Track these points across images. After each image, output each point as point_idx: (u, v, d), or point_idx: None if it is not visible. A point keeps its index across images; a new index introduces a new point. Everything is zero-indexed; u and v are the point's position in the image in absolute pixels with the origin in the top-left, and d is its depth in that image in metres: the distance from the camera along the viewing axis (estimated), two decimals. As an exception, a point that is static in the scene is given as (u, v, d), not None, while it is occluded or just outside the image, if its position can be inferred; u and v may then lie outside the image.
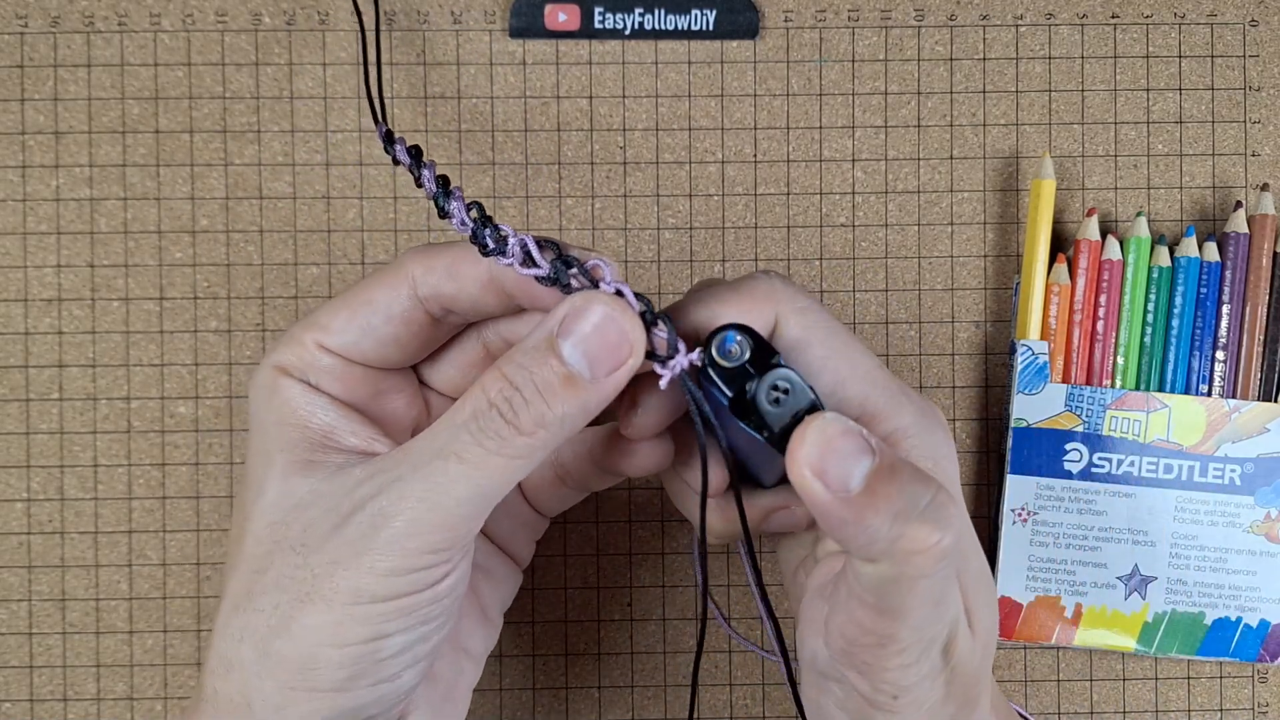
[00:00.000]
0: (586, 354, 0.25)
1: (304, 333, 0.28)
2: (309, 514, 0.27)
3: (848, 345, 0.28)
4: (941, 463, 0.28)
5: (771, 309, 0.27)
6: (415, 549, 0.25)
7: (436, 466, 0.26)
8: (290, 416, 0.28)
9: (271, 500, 0.27)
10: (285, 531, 0.27)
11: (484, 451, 0.25)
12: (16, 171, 0.42)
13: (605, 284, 0.26)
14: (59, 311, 0.42)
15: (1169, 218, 0.43)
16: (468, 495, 0.26)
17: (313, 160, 0.42)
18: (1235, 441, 0.40)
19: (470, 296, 0.28)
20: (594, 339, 0.25)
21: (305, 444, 0.28)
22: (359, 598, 0.25)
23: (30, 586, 0.41)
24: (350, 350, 0.28)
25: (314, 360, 0.28)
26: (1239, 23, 0.43)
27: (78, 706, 0.41)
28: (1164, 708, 0.42)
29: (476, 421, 0.26)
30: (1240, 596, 0.41)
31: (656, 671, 0.42)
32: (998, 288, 0.43)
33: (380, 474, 0.26)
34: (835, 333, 0.28)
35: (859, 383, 0.28)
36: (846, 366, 0.28)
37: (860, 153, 0.43)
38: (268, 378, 0.28)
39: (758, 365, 0.25)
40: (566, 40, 0.42)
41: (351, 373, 0.29)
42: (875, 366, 0.28)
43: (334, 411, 0.28)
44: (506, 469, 0.26)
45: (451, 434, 0.26)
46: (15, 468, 0.41)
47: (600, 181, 0.42)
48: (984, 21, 0.43)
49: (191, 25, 0.42)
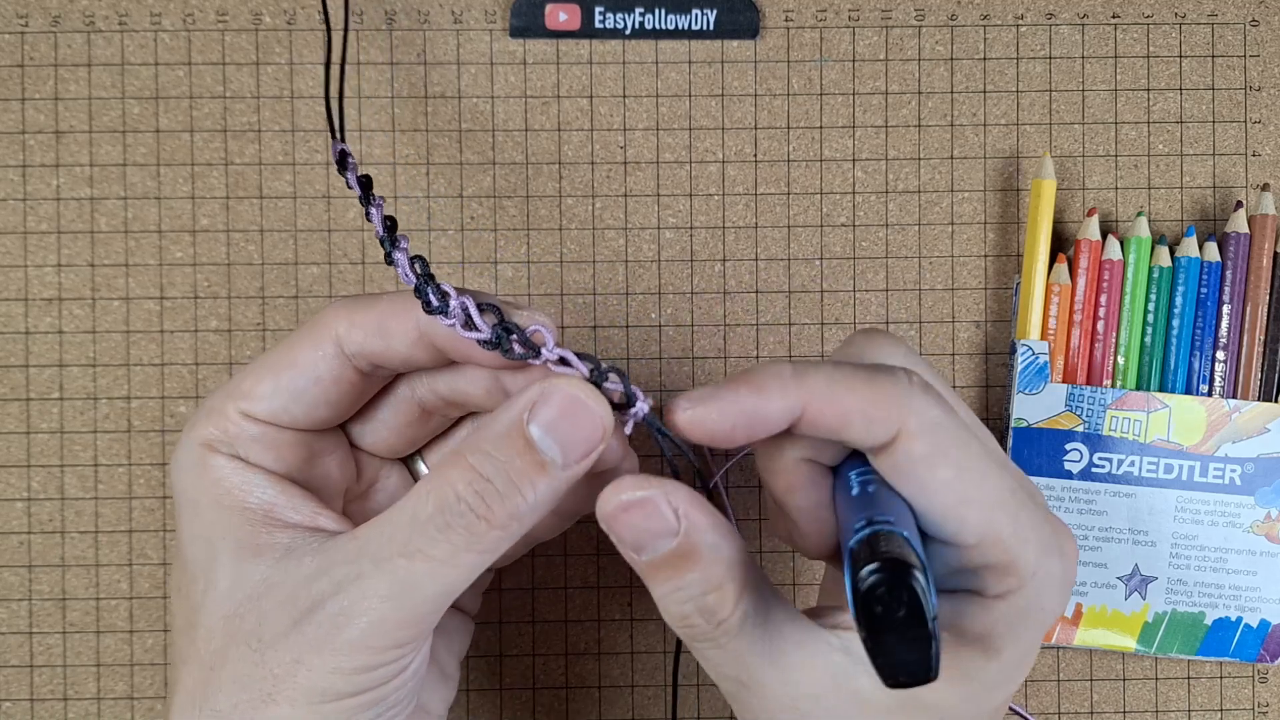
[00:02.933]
0: (560, 441, 0.24)
1: (226, 402, 0.27)
2: (263, 605, 0.25)
3: (979, 463, 0.25)
4: (1037, 614, 0.25)
5: (897, 418, 0.24)
6: (379, 647, 0.25)
7: (401, 565, 0.24)
8: (226, 497, 0.26)
9: (224, 592, 0.26)
10: (240, 625, 0.25)
11: (453, 548, 0.24)
12: (17, 171, 0.42)
13: (547, 350, 0.25)
14: (59, 311, 0.42)
15: (1169, 218, 0.43)
16: (435, 593, 0.25)
17: (313, 160, 0.42)
18: (1235, 441, 0.40)
19: (400, 353, 0.27)
20: (566, 425, 0.24)
21: (248, 526, 0.26)
22: (324, 696, 0.25)
23: (31, 586, 0.41)
24: (279, 416, 0.27)
25: (240, 430, 0.27)
26: (1239, 23, 0.43)
27: (78, 706, 0.41)
28: (1164, 708, 0.42)
29: (444, 517, 0.24)
30: (1240, 597, 0.41)
31: (657, 671, 0.42)
32: (998, 288, 0.43)
33: (337, 567, 0.25)
34: (967, 447, 0.25)
35: (984, 509, 0.24)
36: (974, 489, 0.24)
37: (861, 152, 0.43)
38: (193, 455, 0.27)
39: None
40: (567, 40, 0.42)
41: (282, 439, 0.27)
42: (1007, 489, 0.25)
43: (270, 487, 0.27)
44: (477, 564, 0.25)
45: (415, 530, 0.25)
46: (16, 467, 0.41)
47: (600, 181, 0.42)
48: (984, 21, 0.43)
49: (192, 25, 0.42)
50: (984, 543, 0.24)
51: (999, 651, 0.25)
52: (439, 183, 0.42)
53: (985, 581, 0.25)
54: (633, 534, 0.25)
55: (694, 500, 0.25)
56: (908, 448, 0.24)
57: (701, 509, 0.25)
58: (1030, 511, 0.25)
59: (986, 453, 0.25)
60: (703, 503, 0.25)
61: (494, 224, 0.42)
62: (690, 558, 0.25)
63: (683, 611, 0.25)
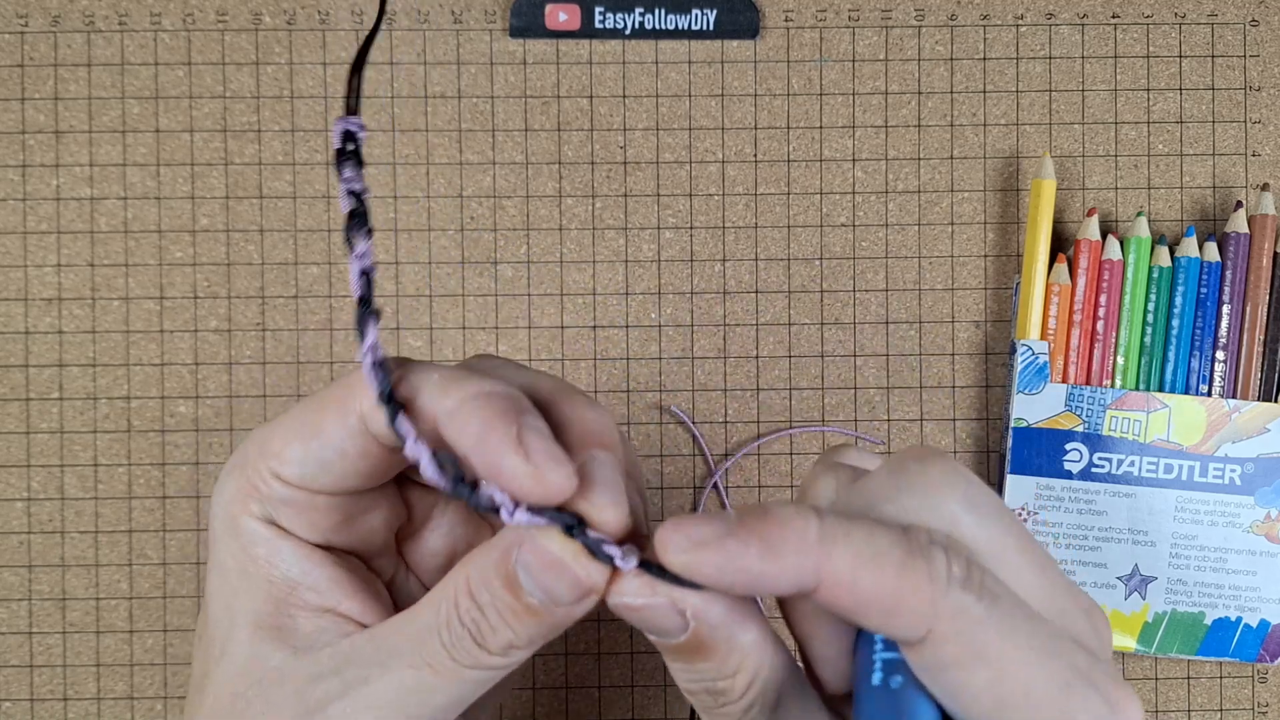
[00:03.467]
0: (545, 590, 0.23)
1: (259, 462, 0.25)
2: (271, 695, 0.25)
3: (1025, 656, 0.22)
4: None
5: (926, 620, 0.21)
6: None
7: (409, 675, 0.24)
8: (251, 565, 0.25)
9: (237, 668, 0.25)
10: (246, 708, 0.25)
11: (456, 665, 0.24)
12: (17, 171, 0.42)
13: (506, 514, 0.22)
14: (59, 311, 0.42)
15: (1169, 218, 0.43)
16: (444, 704, 0.24)
17: (313, 159, 0.42)
18: (1235, 441, 0.40)
19: (433, 438, 0.24)
20: (548, 577, 0.23)
21: (269, 602, 0.25)
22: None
23: (30, 586, 0.41)
24: (308, 482, 0.25)
25: (272, 493, 0.25)
26: (1239, 23, 0.43)
27: (78, 706, 0.41)
28: (1164, 708, 0.42)
29: (448, 634, 0.24)
30: (1240, 596, 0.41)
31: (657, 671, 0.42)
32: (998, 287, 0.43)
33: (347, 669, 0.24)
34: (1011, 639, 0.22)
35: (1029, 709, 0.22)
36: (1017, 690, 0.21)
37: (860, 152, 0.43)
38: (226, 509, 0.25)
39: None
40: (567, 40, 0.42)
41: (315, 503, 0.25)
42: (1059, 683, 0.22)
43: (297, 561, 0.25)
44: (485, 679, 0.24)
45: (423, 641, 0.24)
46: (16, 467, 0.41)
47: (600, 181, 0.42)
48: (984, 21, 0.43)
49: (192, 25, 0.42)
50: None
51: None
52: (439, 182, 0.42)
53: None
54: (642, 626, 0.24)
55: (708, 595, 0.22)
56: (937, 651, 0.21)
57: (717, 601, 0.23)
58: (1083, 697, 0.22)
59: (1037, 639, 0.22)
60: (718, 595, 0.23)
61: (494, 224, 0.42)
62: (701, 651, 0.23)
63: (691, 688, 0.24)
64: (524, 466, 0.22)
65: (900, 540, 0.21)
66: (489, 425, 0.22)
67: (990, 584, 0.22)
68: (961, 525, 0.22)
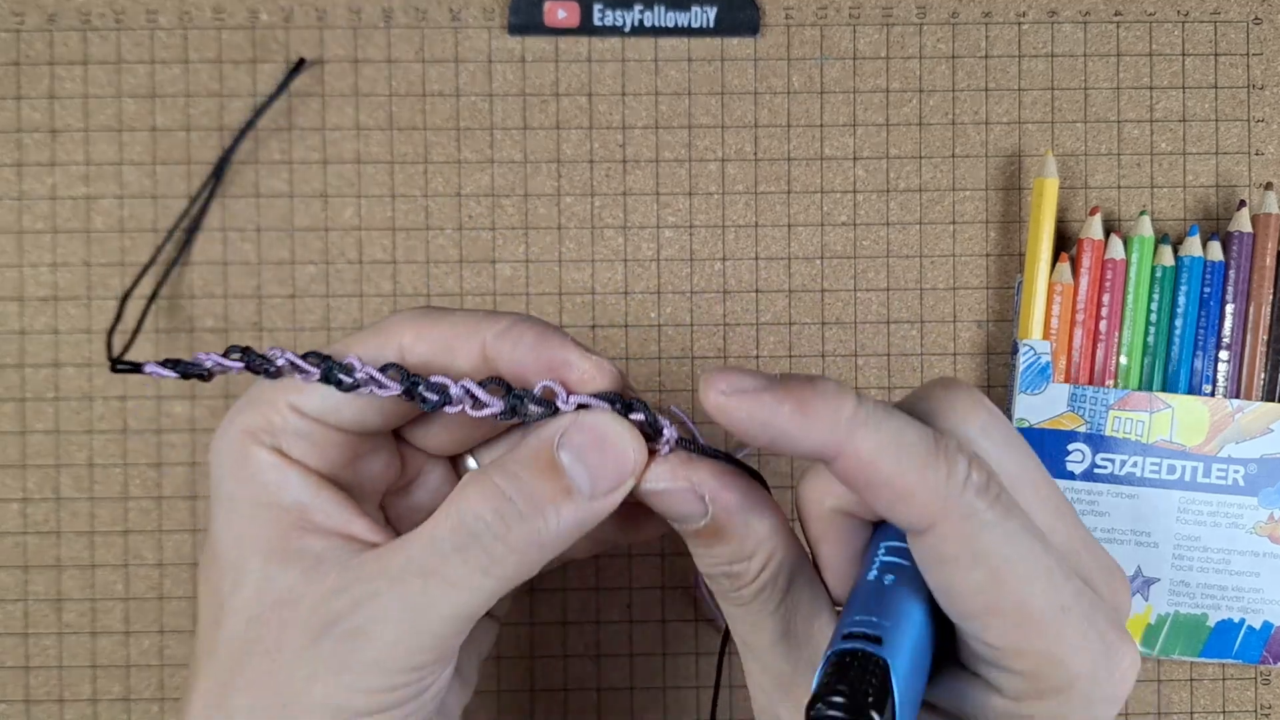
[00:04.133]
0: (589, 468, 0.24)
1: (276, 394, 0.26)
2: (285, 615, 0.25)
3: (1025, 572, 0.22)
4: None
5: (933, 512, 0.22)
6: (395, 668, 0.24)
7: (416, 586, 0.24)
8: (262, 493, 0.26)
9: (251, 594, 0.26)
10: (262, 632, 0.25)
11: (467, 571, 0.24)
12: (12, 169, 0.41)
13: (562, 402, 0.24)
14: (55, 310, 0.41)
15: (1172, 216, 0.43)
16: (451, 615, 0.24)
17: (309, 159, 0.42)
18: (1239, 442, 0.40)
19: (462, 372, 0.26)
20: (596, 454, 0.24)
21: (279, 527, 0.26)
22: (339, 713, 0.24)
23: (26, 587, 0.41)
24: (328, 415, 0.26)
25: (286, 424, 0.26)
26: (1243, 20, 0.43)
27: (74, 708, 0.41)
28: (1167, 710, 0.42)
29: (460, 537, 0.24)
30: (1243, 598, 0.40)
31: (656, 674, 0.42)
32: (1000, 287, 0.42)
33: (357, 585, 0.25)
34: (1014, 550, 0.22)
35: (1016, 622, 0.22)
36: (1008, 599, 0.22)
37: (862, 151, 0.42)
38: (234, 444, 0.26)
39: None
40: (566, 37, 0.42)
41: (328, 438, 0.27)
42: (1055, 605, 0.22)
43: (307, 487, 0.26)
44: (494, 589, 0.24)
45: (433, 550, 0.24)
46: (11, 467, 0.41)
47: (600, 179, 0.42)
48: (986, 19, 0.43)
49: (189, 23, 0.42)
50: (1008, 651, 0.23)
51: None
52: (437, 181, 0.42)
53: (1003, 681, 0.23)
54: (666, 511, 0.25)
55: (726, 482, 0.25)
56: (938, 545, 0.22)
57: (734, 489, 0.25)
58: (1080, 630, 0.22)
59: (1044, 560, 0.22)
60: (736, 483, 0.25)
61: (492, 223, 0.42)
62: (719, 535, 0.25)
63: (710, 571, 0.26)
64: (587, 359, 0.25)
65: (928, 439, 0.22)
66: (543, 333, 0.25)
67: (1007, 500, 0.22)
68: (980, 450, 0.23)
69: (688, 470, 0.25)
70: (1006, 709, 0.23)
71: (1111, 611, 0.24)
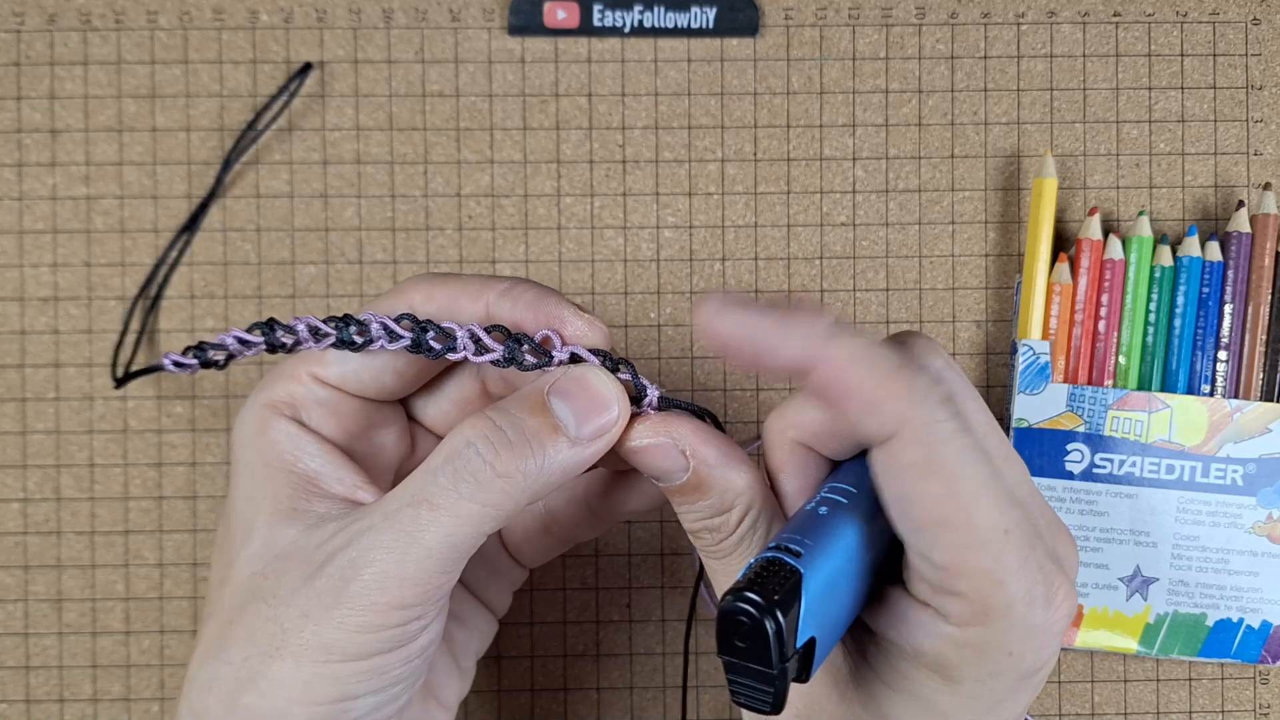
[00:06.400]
0: (575, 412, 0.26)
1: (298, 366, 0.28)
2: (284, 564, 0.26)
3: (976, 489, 0.23)
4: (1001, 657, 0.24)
5: (899, 418, 0.23)
6: (385, 604, 0.25)
7: (407, 514, 0.25)
8: (276, 459, 0.27)
9: (256, 550, 0.27)
10: (262, 582, 0.26)
11: (457, 496, 0.25)
12: (13, 170, 0.41)
13: (557, 351, 0.27)
14: (55, 310, 0.41)
15: (1171, 217, 0.43)
16: (438, 545, 0.25)
17: (309, 159, 0.42)
18: (1237, 442, 0.40)
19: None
20: (581, 399, 0.26)
21: (289, 490, 0.27)
22: (329, 655, 0.25)
23: (27, 587, 0.41)
24: (347, 381, 0.28)
25: (308, 394, 0.28)
26: (1241, 21, 0.43)
27: (74, 707, 0.41)
28: (1165, 709, 0.42)
29: (451, 464, 0.25)
30: (1242, 598, 0.41)
31: (655, 673, 0.42)
32: (999, 287, 0.42)
33: (353, 524, 0.26)
34: (969, 468, 0.23)
35: (963, 537, 0.24)
36: (959, 514, 0.23)
37: (861, 151, 0.42)
38: (257, 416, 0.28)
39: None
40: (565, 38, 0.42)
41: (346, 406, 0.28)
42: (999, 527, 0.23)
43: (321, 455, 0.28)
44: (479, 516, 0.25)
45: (425, 479, 0.25)
46: (11, 467, 0.41)
47: (599, 180, 0.42)
48: (985, 19, 0.43)
49: (189, 23, 0.42)
50: (952, 569, 0.24)
51: (957, 682, 0.25)
52: (437, 181, 0.42)
53: (947, 605, 0.24)
54: (650, 468, 0.27)
55: (705, 438, 0.27)
56: (900, 450, 0.24)
57: (712, 445, 0.27)
58: (1020, 555, 0.24)
59: (993, 483, 0.24)
60: (714, 439, 0.27)
61: (492, 223, 0.42)
62: (700, 489, 0.27)
63: (693, 527, 0.28)
64: (580, 316, 0.27)
65: (898, 356, 0.24)
66: (541, 292, 0.27)
67: (964, 418, 0.24)
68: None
69: (668, 426, 0.27)
70: (951, 635, 0.25)
71: (1052, 551, 0.25)
